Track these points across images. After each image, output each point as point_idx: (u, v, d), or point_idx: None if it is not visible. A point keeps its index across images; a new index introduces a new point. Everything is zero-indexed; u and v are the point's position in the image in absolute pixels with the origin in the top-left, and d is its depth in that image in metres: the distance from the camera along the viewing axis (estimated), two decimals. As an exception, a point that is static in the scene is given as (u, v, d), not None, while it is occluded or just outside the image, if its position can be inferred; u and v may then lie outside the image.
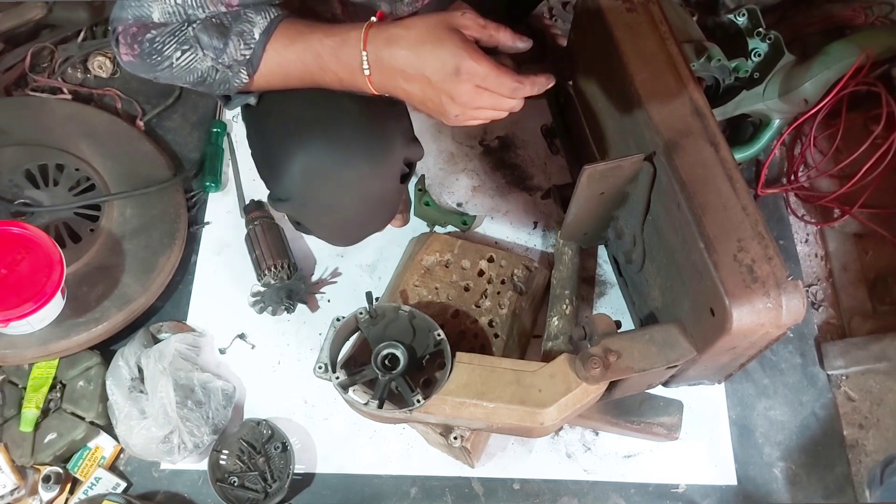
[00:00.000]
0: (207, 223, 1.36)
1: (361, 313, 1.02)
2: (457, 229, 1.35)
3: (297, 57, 0.79)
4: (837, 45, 1.37)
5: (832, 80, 1.35)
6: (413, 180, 1.40)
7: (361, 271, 1.33)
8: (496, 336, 1.15)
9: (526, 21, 1.51)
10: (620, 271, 1.30)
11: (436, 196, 1.38)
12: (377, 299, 1.02)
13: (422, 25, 0.71)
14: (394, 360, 0.99)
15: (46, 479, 1.11)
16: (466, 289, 1.20)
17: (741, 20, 1.34)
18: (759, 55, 1.33)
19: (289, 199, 0.93)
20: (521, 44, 0.74)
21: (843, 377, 1.29)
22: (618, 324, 1.01)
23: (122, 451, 1.18)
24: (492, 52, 0.75)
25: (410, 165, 0.99)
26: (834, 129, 1.41)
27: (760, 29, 1.32)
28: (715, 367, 1.09)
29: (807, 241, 1.43)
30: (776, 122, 1.39)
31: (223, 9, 0.80)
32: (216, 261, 1.33)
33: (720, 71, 1.29)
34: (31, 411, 1.13)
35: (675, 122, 1.00)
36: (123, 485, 1.15)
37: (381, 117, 0.91)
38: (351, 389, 1.00)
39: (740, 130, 1.47)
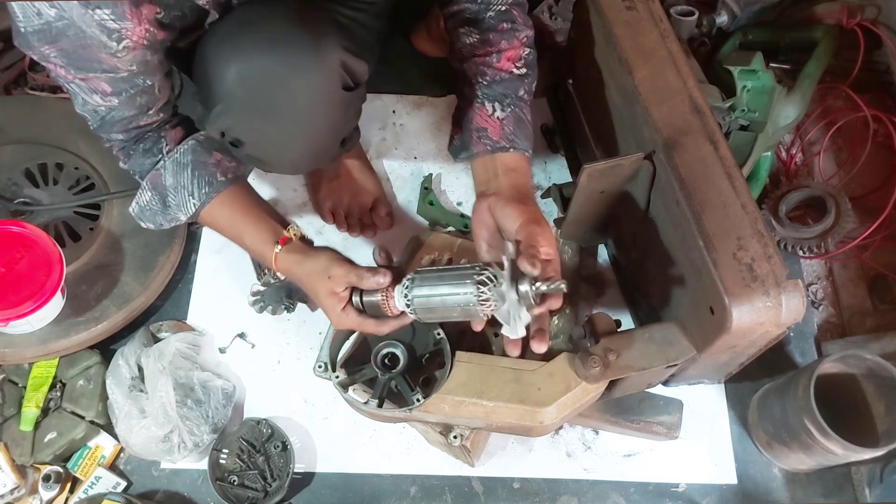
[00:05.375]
0: (207, 222, 1.36)
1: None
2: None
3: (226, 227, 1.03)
4: (810, 67, 1.39)
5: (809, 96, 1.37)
6: (416, 173, 1.40)
7: (361, 270, 1.33)
8: (496, 335, 1.15)
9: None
10: (620, 270, 1.30)
11: (437, 195, 1.38)
12: (377, 298, 1.02)
13: (310, 269, 0.94)
14: (393, 359, 0.99)
15: (46, 478, 1.12)
16: (466, 287, 1.20)
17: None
18: (749, 89, 1.29)
19: (224, 102, 0.89)
20: (382, 279, 0.90)
21: (844, 376, 1.29)
22: (618, 323, 1.00)
23: (122, 450, 1.18)
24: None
25: (355, 80, 0.94)
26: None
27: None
28: (715, 366, 1.09)
29: (807, 239, 1.43)
30: (769, 154, 1.38)
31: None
32: (216, 260, 1.33)
33: (717, 113, 1.20)
34: (31, 410, 1.13)
35: (675, 119, 1.00)
36: (123, 484, 1.15)
37: (312, 18, 0.91)
38: (351, 388, 1.00)
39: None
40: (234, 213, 1.01)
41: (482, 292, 0.83)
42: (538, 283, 0.81)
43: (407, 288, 0.88)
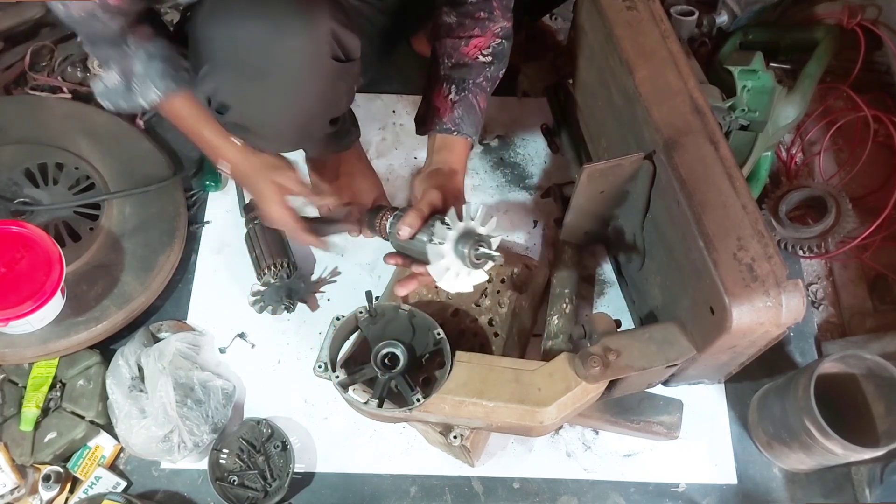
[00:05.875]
0: (207, 222, 1.36)
1: (361, 312, 1.02)
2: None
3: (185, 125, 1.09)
4: (810, 67, 1.39)
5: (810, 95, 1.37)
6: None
7: (361, 270, 1.33)
8: (496, 335, 1.15)
9: (531, 22, 1.51)
10: (620, 270, 1.30)
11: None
12: (377, 298, 1.02)
13: (258, 165, 1.05)
14: (393, 359, 0.99)
15: (46, 478, 1.12)
16: (466, 287, 1.20)
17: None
18: (749, 89, 1.30)
19: (210, 63, 0.89)
20: (325, 200, 1.08)
21: (844, 376, 1.29)
22: (617, 322, 1.00)
23: (122, 450, 1.18)
24: None
25: (346, 53, 0.93)
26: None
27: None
28: (715, 366, 1.09)
29: (807, 239, 1.42)
30: (769, 154, 1.38)
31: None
32: (216, 260, 1.33)
33: (717, 113, 1.20)
34: (31, 410, 1.13)
35: (675, 119, 1.00)
36: (123, 484, 1.15)
37: None
38: (351, 388, 1.00)
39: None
40: (200, 108, 1.04)
41: (430, 241, 0.92)
42: (479, 248, 0.90)
43: (390, 222, 1.03)
